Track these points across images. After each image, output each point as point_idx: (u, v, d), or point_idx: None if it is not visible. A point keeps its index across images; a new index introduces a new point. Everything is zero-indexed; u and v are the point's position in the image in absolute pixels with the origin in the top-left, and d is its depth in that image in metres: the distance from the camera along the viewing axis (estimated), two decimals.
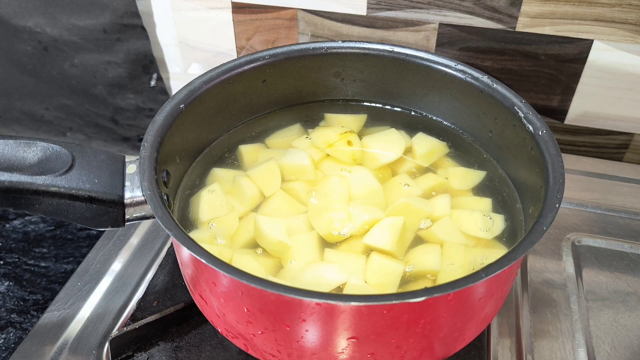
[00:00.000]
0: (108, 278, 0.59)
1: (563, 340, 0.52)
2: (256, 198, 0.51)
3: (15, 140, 0.44)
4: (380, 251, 0.47)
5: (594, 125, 0.73)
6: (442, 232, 0.48)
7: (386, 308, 0.37)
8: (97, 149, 0.46)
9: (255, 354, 0.45)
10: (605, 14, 0.63)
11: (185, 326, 0.52)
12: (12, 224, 0.75)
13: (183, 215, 0.50)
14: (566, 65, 0.68)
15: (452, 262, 0.46)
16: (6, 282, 0.67)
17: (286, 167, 0.53)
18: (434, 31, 0.69)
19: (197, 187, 0.52)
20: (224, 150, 0.56)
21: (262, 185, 0.52)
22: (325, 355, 0.41)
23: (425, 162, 0.55)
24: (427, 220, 0.49)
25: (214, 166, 0.54)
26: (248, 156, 0.55)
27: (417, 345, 0.42)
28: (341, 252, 0.47)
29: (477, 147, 0.56)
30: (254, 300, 0.39)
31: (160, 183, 0.43)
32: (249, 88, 0.56)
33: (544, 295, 0.56)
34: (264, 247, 0.48)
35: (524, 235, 0.39)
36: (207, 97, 0.52)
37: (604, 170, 0.71)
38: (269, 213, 0.50)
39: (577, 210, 0.65)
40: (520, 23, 0.66)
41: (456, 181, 0.53)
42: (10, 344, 0.60)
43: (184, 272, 0.49)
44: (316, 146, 0.56)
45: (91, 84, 0.81)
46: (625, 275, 0.58)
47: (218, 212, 0.50)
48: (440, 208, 0.50)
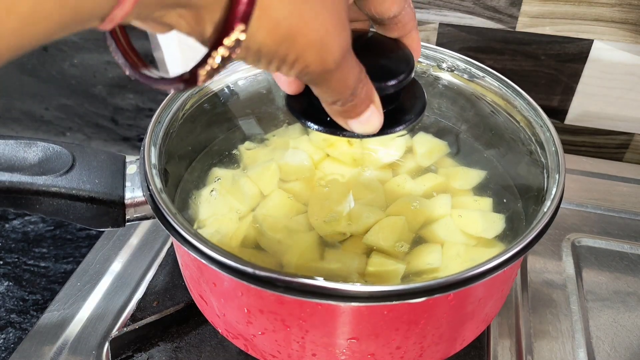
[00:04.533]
0: (108, 278, 0.59)
1: (563, 341, 0.52)
2: (256, 198, 0.51)
3: (15, 140, 0.44)
4: (381, 251, 0.47)
5: (594, 125, 0.73)
6: (442, 231, 0.48)
7: (386, 308, 0.37)
8: (98, 149, 0.46)
9: (255, 355, 0.45)
10: (605, 13, 0.63)
11: (185, 326, 0.52)
12: (12, 224, 0.75)
13: (183, 215, 0.50)
14: (566, 65, 0.68)
15: (453, 261, 0.46)
16: (6, 282, 0.67)
17: (286, 167, 0.53)
18: (434, 31, 0.69)
19: (197, 187, 0.52)
20: (224, 150, 0.56)
21: (262, 185, 0.52)
22: (326, 356, 0.41)
23: (426, 161, 0.55)
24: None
25: (213, 166, 0.54)
26: (248, 156, 0.55)
27: (417, 345, 0.42)
28: (341, 252, 0.47)
29: (477, 146, 0.56)
30: (254, 300, 0.39)
31: (160, 183, 0.43)
32: (250, 87, 0.56)
33: (544, 296, 0.56)
34: (263, 247, 0.48)
35: (524, 235, 0.39)
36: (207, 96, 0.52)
37: (604, 170, 0.71)
38: (268, 213, 0.50)
39: (577, 210, 0.65)
40: (520, 23, 0.66)
41: (456, 181, 0.53)
42: (10, 344, 0.60)
43: (184, 272, 0.49)
44: (316, 146, 0.56)
45: (91, 84, 0.81)
46: (625, 276, 0.58)
47: (218, 212, 0.50)
48: (440, 208, 0.50)
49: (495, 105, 0.52)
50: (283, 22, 0.26)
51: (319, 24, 0.28)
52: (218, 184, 0.52)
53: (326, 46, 0.28)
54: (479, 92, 0.53)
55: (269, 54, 0.28)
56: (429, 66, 0.55)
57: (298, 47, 0.28)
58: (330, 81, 0.31)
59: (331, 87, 0.31)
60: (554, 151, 0.45)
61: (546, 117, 0.48)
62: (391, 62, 0.37)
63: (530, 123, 0.49)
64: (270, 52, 0.27)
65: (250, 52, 0.27)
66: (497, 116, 0.52)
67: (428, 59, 0.55)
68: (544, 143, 0.47)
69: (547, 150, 0.46)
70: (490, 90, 0.52)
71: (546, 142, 0.47)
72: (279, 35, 0.27)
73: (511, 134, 0.51)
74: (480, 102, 0.53)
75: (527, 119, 0.49)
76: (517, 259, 0.38)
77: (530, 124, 0.49)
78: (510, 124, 0.51)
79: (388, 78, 0.36)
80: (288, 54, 0.28)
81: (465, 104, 0.55)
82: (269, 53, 0.28)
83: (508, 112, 0.51)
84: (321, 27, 0.28)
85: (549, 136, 0.47)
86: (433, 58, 0.55)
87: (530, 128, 0.49)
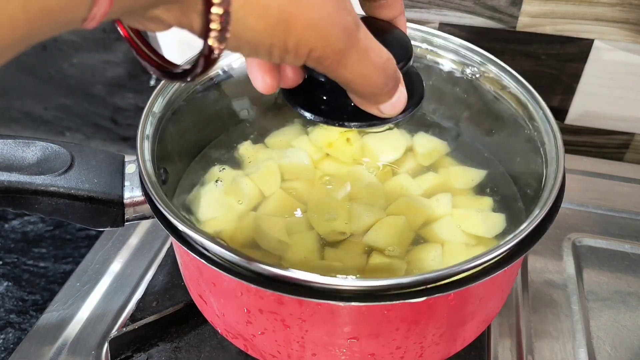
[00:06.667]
0: (107, 278, 0.58)
1: (563, 341, 0.52)
2: (255, 197, 0.51)
3: (14, 140, 0.43)
4: (381, 250, 0.46)
5: (595, 125, 0.73)
6: (443, 231, 0.48)
7: (386, 308, 0.37)
8: (97, 148, 0.46)
9: (254, 355, 0.45)
10: (606, 13, 0.63)
11: (184, 327, 0.52)
12: (11, 224, 0.75)
13: (182, 214, 0.49)
14: (567, 64, 0.68)
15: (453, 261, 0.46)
16: (5, 283, 0.67)
17: (286, 166, 0.53)
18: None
19: (196, 187, 0.52)
20: (223, 149, 0.56)
21: (262, 184, 0.51)
22: (326, 356, 0.41)
23: (426, 161, 0.55)
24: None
25: (213, 165, 0.54)
26: (247, 155, 0.55)
27: (418, 345, 0.41)
28: (341, 252, 0.47)
29: (478, 146, 0.55)
30: (254, 300, 0.39)
31: (159, 182, 0.43)
32: (250, 87, 0.55)
33: (545, 296, 0.56)
34: (263, 247, 0.47)
35: (525, 234, 0.39)
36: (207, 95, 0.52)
37: (604, 170, 0.71)
38: (268, 212, 0.49)
39: (577, 210, 0.65)
40: (521, 22, 0.66)
41: (457, 180, 0.53)
42: (9, 345, 0.60)
43: (184, 272, 0.49)
44: (316, 146, 0.55)
45: (90, 84, 0.81)
46: (626, 276, 0.58)
47: (217, 212, 0.49)
48: (441, 207, 0.50)
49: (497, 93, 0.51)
50: (272, 6, 0.26)
51: (312, 5, 0.27)
52: (218, 184, 0.51)
53: (327, 27, 0.28)
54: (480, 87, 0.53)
55: (265, 42, 0.27)
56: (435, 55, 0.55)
57: (296, 31, 0.27)
58: (347, 65, 0.30)
59: (356, 72, 0.31)
60: (554, 150, 0.45)
61: (550, 115, 0.47)
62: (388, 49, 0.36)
63: (532, 122, 0.49)
64: (265, 40, 0.27)
65: (243, 41, 0.27)
66: (497, 115, 0.52)
67: (433, 46, 0.55)
68: (544, 142, 0.47)
69: (547, 149, 0.46)
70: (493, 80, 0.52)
71: (547, 142, 0.46)
72: (270, 20, 0.27)
73: (511, 134, 0.51)
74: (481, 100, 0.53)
75: (530, 117, 0.49)
76: (517, 258, 0.38)
77: (532, 123, 0.49)
78: (511, 123, 0.51)
79: None
80: (287, 40, 0.28)
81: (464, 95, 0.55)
82: (264, 40, 0.27)
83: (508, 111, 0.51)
84: (315, 7, 0.27)
85: (551, 135, 0.46)
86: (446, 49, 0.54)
87: (531, 127, 0.49)
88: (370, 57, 0.31)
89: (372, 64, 0.31)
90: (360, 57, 0.30)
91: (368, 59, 0.31)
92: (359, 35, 0.30)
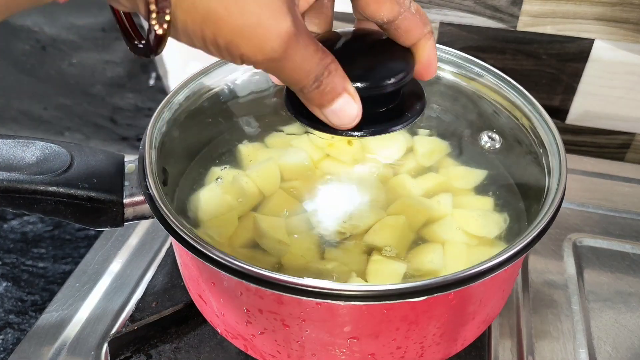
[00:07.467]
0: (107, 279, 0.58)
1: (564, 341, 0.52)
2: (255, 198, 0.51)
3: (13, 140, 0.43)
4: (381, 250, 0.46)
5: (596, 125, 0.72)
6: (443, 231, 0.48)
7: (386, 308, 0.37)
8: (96, 148, 0.46)
9: (254, 355, 0.45)
10: (606, 13, 0.63)
11: (184, 327, 0.52)
12: (10, 224, 0.75)
13: (182, 214, 0.49)
14: (567, 64, 0.68)
15: (454, 261, 0.46)
16: (4, 283, 0.67)
17: (286, 166, 0.53)
18: (435, 30, 0.69)
19: (196, 187, 0.52)
20: (223, 149, 0.55)
21: (262, 184, 0.51)
22: (326, 356, 0.41)
23: (427, 161, 0.55)
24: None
25: (212, 165, 0.54)
26: (247, 155, 0.55)
27: (418, 345, 0.41)
28: (342, 252, 0.47)
29: (478, 146, 0.55)
30: (254, 300, 0.39)
31: (159, 182, 0.43)
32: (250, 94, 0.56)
33: (545, 296, 0.56)
34: (263, 247, 0.47)
35: (525, 234, 0.39)
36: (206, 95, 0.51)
37: (605, 170, 0.71)
38: (268, 212, 0.49)
39: (578, 210, 0.65)
40: (521, 22, 0.66)
41: (457, 180, 0.53)
42: (9, 345, 0.60)
43: (183, 272, 0.49)
44: (316, 145, 0.55)
45: (89, 83, 0.81)
46: (627, 276, 0.58)
47: (217, 212, 0.49)
48: (441, 207, 0.50)
49: (497, 104, 0.52)
50: (199, 3, 0.27)
51: (241, 10, 0.27)
52: (218, 184, 0.51)
53: (259, 35, 0.28)
54: (480, 91, 0.53)
55: (196, 35, 0.28)
56: None
57: (224, 33, 0.28)
58: (284, 69, 0.30)
59: (288, 75, 0.31)
60: (555, 150, 0.45)
61: (548, 117, 0.48)
62: (391, 61, 0.37)
63: (532, 122, 0.49)
64: (195, 33, 0.28)
65: (178, 31, 0.28)
66: (498, 115, 0.52)
67: None
68: (545, 142, 0.47)
69: (548, 149, 0.46)
70: (492, 89, 0.52)
71: (548, 142, 0.46)
72: (196, 17, 0.27)
73: (512, 134, 0.51)
74: (482, 102, 0.53)
75: (529, 118, 0.49)
76: (518, 258, 0.38)
77: (532, 123, 0.49)
78: (512, 122, 0.51)
79: (387, 76, 0.35)
80: (216, 39, 0.28)
81: (466, 103, 0.55)
82: (195, 34, 0.28)
83: (509, 110, 0.51)
84: (246, 13, 0.28)
85: (551, 135, 0.46)
86: None
87: (531, 127, 0.49)
88: (305, 64, 0.31)
89: (305, 70, 0.31)
90: (295, 65, 0.30)
91: (302, 66, 0.31)
92: (296, 42, 0.30)
